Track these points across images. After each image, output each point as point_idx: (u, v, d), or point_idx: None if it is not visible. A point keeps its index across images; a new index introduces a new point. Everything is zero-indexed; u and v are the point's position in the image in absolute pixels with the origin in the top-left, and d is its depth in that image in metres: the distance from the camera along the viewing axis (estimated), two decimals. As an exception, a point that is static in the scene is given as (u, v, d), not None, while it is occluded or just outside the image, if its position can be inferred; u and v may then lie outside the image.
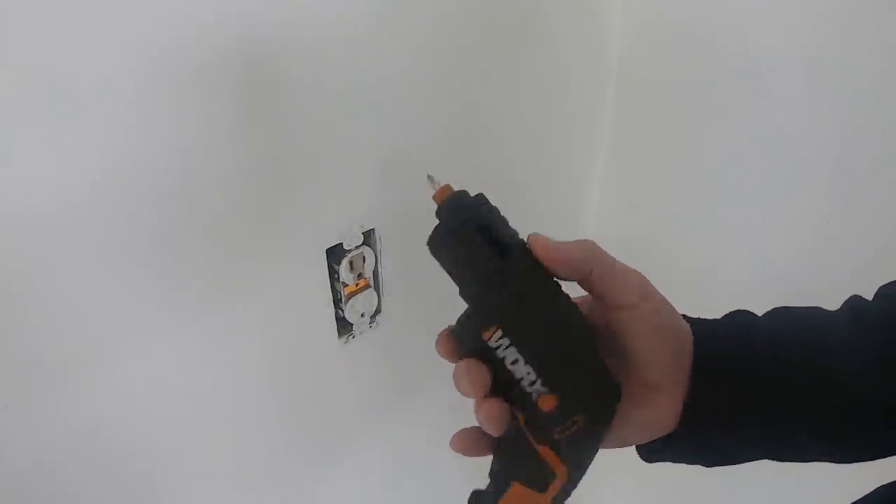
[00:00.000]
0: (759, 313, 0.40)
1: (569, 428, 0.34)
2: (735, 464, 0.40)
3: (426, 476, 0.99)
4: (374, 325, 0.75)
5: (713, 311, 0.41)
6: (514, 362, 0.33)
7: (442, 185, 0.35)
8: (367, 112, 0.64)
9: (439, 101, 0.71)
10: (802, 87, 0.73)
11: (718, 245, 0.89)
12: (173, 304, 0.57)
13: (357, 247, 0.69)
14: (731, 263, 0.88)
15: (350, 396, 0.80)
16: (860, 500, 0.39)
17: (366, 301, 0.72)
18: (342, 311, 0.71)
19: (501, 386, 0.34)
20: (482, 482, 0.38)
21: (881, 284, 0.41)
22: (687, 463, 0.40)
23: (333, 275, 0.69)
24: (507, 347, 0.33)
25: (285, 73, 0.56)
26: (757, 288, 0.84)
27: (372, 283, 0.72)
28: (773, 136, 0.77)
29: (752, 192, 0.82)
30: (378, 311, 0.75)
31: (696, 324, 0.39)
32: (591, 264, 0.35)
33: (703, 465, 0.40)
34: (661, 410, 0.37)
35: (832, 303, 0.41)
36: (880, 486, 0.38)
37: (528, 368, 0.33)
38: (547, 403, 0.33)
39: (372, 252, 0.70)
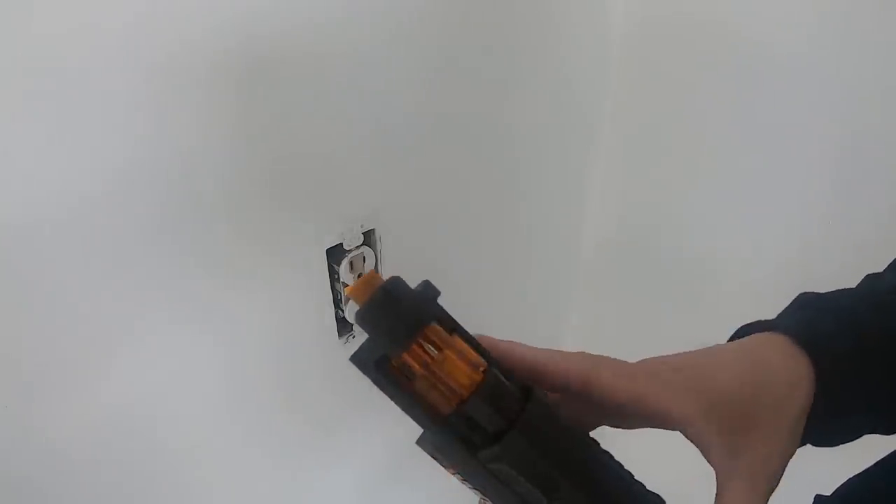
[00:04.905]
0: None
1: None
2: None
3: (427, 476, 0.99)
4: (374, 325, 0.75)
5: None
6: None
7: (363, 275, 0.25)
8: (368, 112, 0.64)
9: (440, 101, 0.71)
10: (804, 84, 0.73)
11: (720, 244, 0.88)
12: (173, 305, 0.57)
13: (357, 247, 0.69)
14: (732, 263, 0.88)
15: (350, 396, 0.80)
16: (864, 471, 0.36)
17: (366, 301, 0.72)
18: (342, 311, 0.71)
19: None
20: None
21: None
22: None
23: (333, 275, 0.69)
24: None
25: (286, 75, 0.56)
26: (758, 287, 0.83)
27: (372, 284, 0.72)
28: (775, 133, 0.77)
29: (753, 190, 0.82)
30: (378, 311, 0.75)
31: (817, 352, 0.31)
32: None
33: None
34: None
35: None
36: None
37: None
38: None
39: (372, 252, 0.70)
